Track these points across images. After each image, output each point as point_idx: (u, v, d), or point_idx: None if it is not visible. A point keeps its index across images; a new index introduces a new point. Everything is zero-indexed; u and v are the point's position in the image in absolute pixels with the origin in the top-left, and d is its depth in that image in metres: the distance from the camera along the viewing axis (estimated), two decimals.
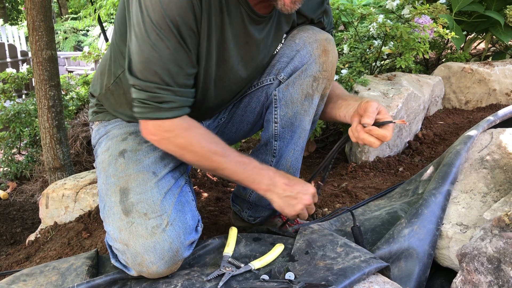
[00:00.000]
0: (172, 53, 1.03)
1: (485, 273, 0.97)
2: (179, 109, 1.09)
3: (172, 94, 1.06)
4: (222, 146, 1.14)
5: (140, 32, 1.03)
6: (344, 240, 1.22)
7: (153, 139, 1.14)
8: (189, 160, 1.15)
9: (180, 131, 1.10)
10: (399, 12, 2.66)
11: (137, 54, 1.04)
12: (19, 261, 1.63)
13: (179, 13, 1.01)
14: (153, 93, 1.05)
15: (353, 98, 1.31)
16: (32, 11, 2.04)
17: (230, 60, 1.18)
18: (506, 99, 2.56)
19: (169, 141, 1.12)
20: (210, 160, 1.13)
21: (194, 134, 1.12)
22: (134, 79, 1.07)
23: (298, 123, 1.30)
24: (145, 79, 1.05)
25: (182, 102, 1.09)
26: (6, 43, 6.40)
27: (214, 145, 1.13)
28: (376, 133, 1.10)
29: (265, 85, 1.33)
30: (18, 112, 2.99)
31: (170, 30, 1.01)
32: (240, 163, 1.15)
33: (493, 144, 1.48)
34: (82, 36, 10.81)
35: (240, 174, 1.15)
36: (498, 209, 1.18)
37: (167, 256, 1.08)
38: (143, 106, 1.08)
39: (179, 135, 1.11)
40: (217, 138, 1.16)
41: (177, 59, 1.05)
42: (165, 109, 1.07)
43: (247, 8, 1.13)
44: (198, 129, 1.13)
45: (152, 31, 1.01)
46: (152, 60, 1.03)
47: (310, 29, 1.28)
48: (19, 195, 2.85)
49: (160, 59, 1.03)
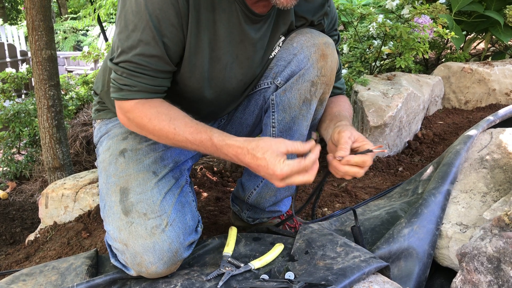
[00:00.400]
0: (143, 45, 1.05)
1: (485, 273, 0.97)
2: (138, 93, 1.10)
3: (134, 79, 1.09)
4: (176, 123, 1.08)
5: (120, 20, 1.07)
6: (344, 240, 1.22)
7: (121, 119, 1.17)
8: (154, 139, 1.14)
9: (136, 111, 1.11)
10: (399, 12, 2.66)
11: (115, 40, 1.09)
12: (18, 261, 1.63)
13: (161, 7, 1.02)
14: (119, 75, 1.10)
15: (335, 120, 1.25)
16: (31, 10, 2.03)
17: (223, 58, 1.17)
18: (505, 99, 2.56)
19: (130, 121, 1.14)
20: (168, 138, 1.09)
21: (146, 113, 1.10)
22: (109, 62, 1.12)
23: (296, 127, 1.28)
24: (117, 62, 1.09)
25: (142, 87, 1.10)
26: (6, 42, 6.40)
27: (166, 122, 1.08)
28: (355, 160, 1.05)
29: (263, 88, 1.31)
30: (18, 111, 2.99)
31: (147, 23, 1.03)
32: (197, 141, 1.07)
33: (493, 144, 1.48)
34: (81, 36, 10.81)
35: (203, 151, 1.10)
36: (498, 209, 1.18)
37: (166, 257, 1.08)
38: (112, 86, 1.13)
39: (135, 115, 1.11)
40: (174, 114, 1.10)
41: (148, 52, 1.06)
42: (125, 91, 1.10)
43: (243, 6, 1.12)
44: (152, 109, 1.10)
45: (130, 22, 1.04)
46: (124, 49, 1.07)
47: (308, 32, 1.25)
48: (19, 195, 2.84)
49: (131, 48, 1.06)
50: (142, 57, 1.06)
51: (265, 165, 0.99)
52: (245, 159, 1.01)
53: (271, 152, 0.99)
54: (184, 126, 1.08)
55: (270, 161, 0.98)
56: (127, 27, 1.05)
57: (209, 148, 1.06)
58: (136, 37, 1.05)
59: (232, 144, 1.03)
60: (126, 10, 1.05)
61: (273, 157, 0.98)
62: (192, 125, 1.08)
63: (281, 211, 1.50)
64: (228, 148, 1.04)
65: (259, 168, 1.00)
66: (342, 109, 1.33)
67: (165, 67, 1.10)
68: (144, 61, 1.07)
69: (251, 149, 1.01)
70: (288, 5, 1.06)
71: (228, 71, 1.20)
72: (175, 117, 1.09)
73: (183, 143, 1.08)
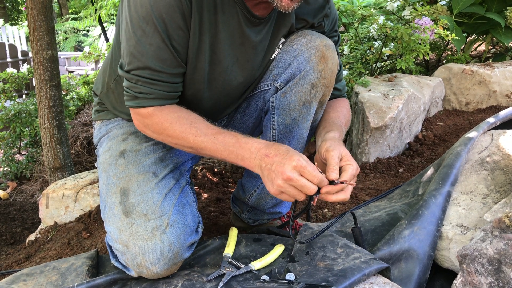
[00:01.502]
0: (155, 50, 1.06)
1: (485, 275, 0.97)
2: (154, 100, 1.11)
3: (150, 86, 1.10)
4: (197, 126, 1.10)
5: (127, 27, 1.06)
6: (345, 241, 1.22)
7: (137, 124, 1.18)
8: (171, 144, 1.16)
9: (155, 117, 1.12)
10: (400, 14, 2.66)
11: (124, 48, 1.09)
12: (19, 261, 1.63)
13: (167, 10, 1.02)
14: (133, 83, 1.10)
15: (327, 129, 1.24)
16: (33, 11, 2.04)
17: (224, 61, 1.17)
18: (506, 100, 2.56)
19: (147, 127, 1.14)
20: (187, 141, 1.10)
21: (166, 118, 1.11)
22: (121, 70, 1.13)
23: (296, 129, 1.28)
24: (128, 70, 1.10)
25: (159, 95, 1.11)
26: (7, 43, 6.41)
27: (187, 126, 1.10)
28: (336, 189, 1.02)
29: (263, 90, 1.31)
30: (19, 112, 2.99)
31: (155, 27, 1.03)
32: (219, 140, 1.08)
33: (494, 146, 1.48)
34: (82, 36, 10.82)
35: (223, 151, 1.08)
36: (499, 211, 1.18)
37: (167, 257, 1.08)
38: (126, 94, 1.13)
39: (154, 121, 1.12)
40: (195, 118, 1.12)
41: (160, 56, 1.07)
42: (141, 98, 1.11)
43: (244, 8, 1.12)
44: (172, 113, 1.12)
45: (138, 27, 1.04)
46: (136, 55, 1.07)
47: (308, 34, 1.25)
48: (19, 195, 2.84)
49: (143, 54, 1.06)
50: (155, 61, 1.06)
51: (283, 154, 1.00)
52: (266, 151, 1.02)
53: (292, 151, 1.02)
54: (206, 128, 1.10)
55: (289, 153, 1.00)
56: (135, 33, 1.05)
57: (230, 147, 1.06)
58: (146, 43, 1.05)
59: (260, 140, 1.06)
60: (131, 15, 1.04)
61: (293, 153, 1.00)
62: (213, 127, 1.11)
63: (281, 213, 1.50)
64: (253, 142, 1.05)
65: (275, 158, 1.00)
66: (338, 115, 1.32)
67: (178, 70, 1.11)
68: (158, 66, 1.07)
69: (276, 144, 1.04)
70: (290, 8, 1.06)
71: (229, 73, 1.20)
72: (196, 121, 1.11)
73: (204, 143, 1.08)
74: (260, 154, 1.03)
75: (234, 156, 1.07)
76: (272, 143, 1.05)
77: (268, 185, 1.02)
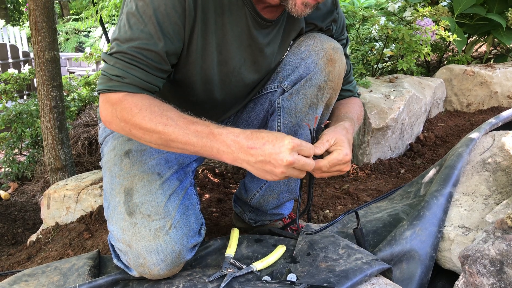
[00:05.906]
0: (144, 38, 1.02)
1: (487, 276, 0.97)
2: (128, 85, 1.04)
3: (127, 70, 1.03)
4: (169, 114, 1.00)
5: (123, 17, 1.06)
6: (346, 242, 1.21)
7: (104, 116, 1.07)
8: (139, 137, 1.04)
9: (124, 102, 1.02)
10: (401, 15, 2.66)
11: (114, 33, 1.07)
12: (20, 261, 1.63)
13: (166, 3, 1.02)
14: (111, 65, 1.04)
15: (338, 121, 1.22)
16: (34, 11, 2.04)
17: (231, 62, 1.17)
18: (507, 101, 2.56)
19: (115, 115, 1.04)
20: (156, 132, 0.99)
21: (136, 103, 1.01)
22: (103, 54, 1.07)
23: (302, 131, 1.28)
24: (111, 53, 1.05)
25: (134, 80, 1.03)
26: (8, 44, 6.42)
27: (158, 114, 1.00)
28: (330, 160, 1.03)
29: (269, 92, 1.31)
30: (20, 112, 3.00)
31: (151, 18, 1.02)
32: (192, 131, 0.98)
33: (495, 147, 1.48)
34: (83, 37, 10.84)
35: (195, 144, 0.98)
36: (501, 212, 1.18)
37: (170, 259, 1.08)
38: (101, 78, 1.06)
39: (123, 106, 1.02)
40: (168, 107, 1.02)
41: (147, 46, 1.03)
42: (114, 81, 1.03)
43: (252, 10, 1.12)
44: (144, 100, 1.02)
45: (133, 16, 1.03)
46: (122, 40, 1.03)
47: (317, 37, 1.25)
48: (21, 195, 2.85)
49: (130, 40, 1.03)
50: (139, 50, 1.03)
51: (272, 141, 0.94)
52: (248, 142, 0.95)
53: (277, 133, 0.96)
54: (177, 117, 1.00)
55: (278, 137, 0.94)
56: (129, 20, 1.03)
57: (204, 139, 0.97)
58: (137, 30, 1.03)
59: (233, 130, 0.97)
60: (130, 7, 1.04)
61: (281, 136, 0.95)
62: (186, 116, 1.01)
63: (283, 214, 1.50)
64: (227, 133, 0.97)
65: (264, 147, 0.94)
66: (349, 110, 1.30)
67: (161, 65, 1.06)
68: (140, 54, 1.03)
69: (254, 132, 0.96)
70: (303, 13, 1.07)
71: (236, 74, 1.20)
72: (169, 109, 1.01)
73: (174, 134, 0.98)
74: (241, 148, 0.95)
75: (209, 149, 0.98)
76: (248, 133, 0.97)
77: (266, 176, 0.98)
